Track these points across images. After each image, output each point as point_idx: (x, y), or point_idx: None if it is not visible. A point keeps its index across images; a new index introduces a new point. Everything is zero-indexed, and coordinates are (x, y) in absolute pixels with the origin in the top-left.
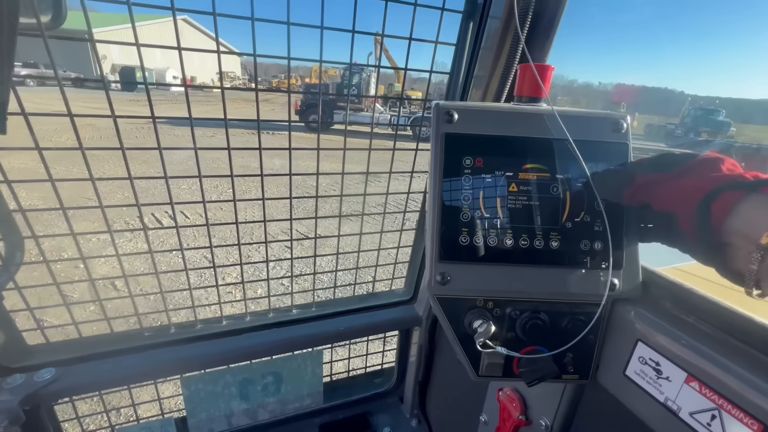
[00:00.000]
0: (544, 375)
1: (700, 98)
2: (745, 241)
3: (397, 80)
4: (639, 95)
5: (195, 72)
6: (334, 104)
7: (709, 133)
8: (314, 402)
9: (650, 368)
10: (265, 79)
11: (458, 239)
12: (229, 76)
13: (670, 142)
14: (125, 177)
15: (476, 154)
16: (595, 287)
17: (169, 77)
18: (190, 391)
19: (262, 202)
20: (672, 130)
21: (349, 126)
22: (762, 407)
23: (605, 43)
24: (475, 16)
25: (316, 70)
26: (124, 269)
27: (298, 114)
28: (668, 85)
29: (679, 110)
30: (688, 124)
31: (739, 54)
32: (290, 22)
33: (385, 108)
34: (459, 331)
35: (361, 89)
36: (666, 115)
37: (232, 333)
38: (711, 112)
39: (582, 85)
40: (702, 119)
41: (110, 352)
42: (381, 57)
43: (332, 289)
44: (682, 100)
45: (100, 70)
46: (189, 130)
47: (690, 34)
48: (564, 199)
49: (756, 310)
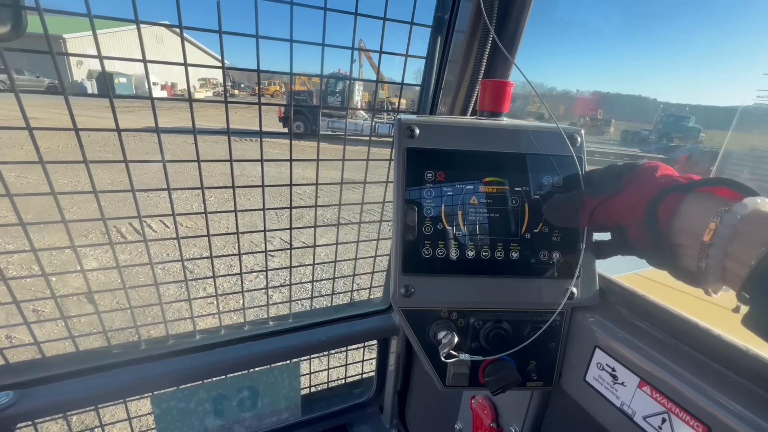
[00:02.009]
0: (508, 383)
1: (671, 105)
2: (691, 239)
3: (381, 88)
4: (598, 104)
5: (176, 78)
6: (319, 111)
7: (680, 138)
8: (292, 415)
9: (607, 374)
10: (248, 85)
11: (421, 252)
12: (211, 82)
13: (644, 147)
14: (89, 191)
15: (437, 168)
16: (555, 296)
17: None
18: (161, 409)
19: (235, 214)
20: (646, 136)
21: (334, 133)
22: (706, 410)
23: (584, 52)
24: (441, 30)
25: (301, 78)
26: (93, 284)
27: (282, 121)
28: (642, 93)
29: (652, 117)
30: (660, 130)
31: (708, 62)
32: (259, 35)
33: (370, 115)
34: (424, 342)
35: (345, 96)
36: (640, 122)
37: (207, 348)
38: (682, 118)
39: (561, 93)
40: (673, 125)
41: (76, 372)
42: (364, 65)
43: (309, 299)
44: (655, 107)
45: (59, 79)
46: (171, 137)
47: (661, 42)
48: (523, 211)
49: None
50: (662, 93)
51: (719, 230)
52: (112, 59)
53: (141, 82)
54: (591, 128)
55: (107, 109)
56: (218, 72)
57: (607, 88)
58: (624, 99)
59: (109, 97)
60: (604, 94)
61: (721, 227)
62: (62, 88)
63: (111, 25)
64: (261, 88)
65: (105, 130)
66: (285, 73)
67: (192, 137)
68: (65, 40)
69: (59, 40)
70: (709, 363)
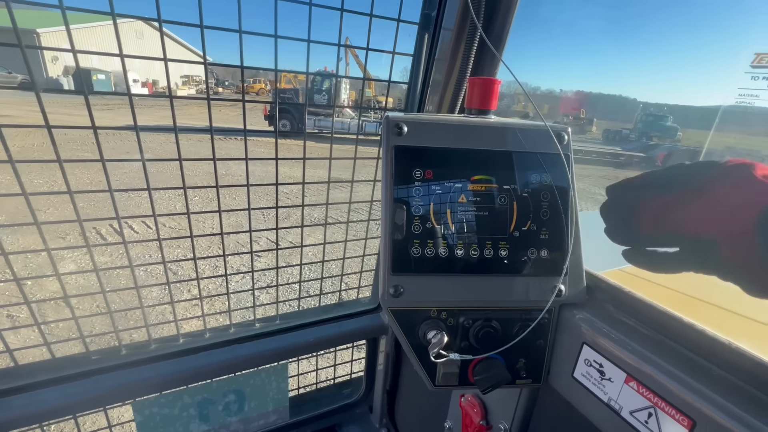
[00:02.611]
0: (498, 381)
1: (650, 105)
2: None
3: (368, 86)
4: (581, 103)
5: (158, 75)
6: (305, 109)
7: (659, 137)
8: (280, 418)
9: (594, 370)
10: (233, 83)
11: (410, 251)
12: (194, 80)
13: (625, 145)
14: (64, 191)
15: (426, 166)
16: (543, 293)
17: (129, 80)
18: (144, 416)
19: (219, 214)
20: (627, 135)
21: (320, 132)
22: (691, 404)
23: (568, 52)
24: (429, 28)
25: (286, 76)
26: (73, 288)
27: (268, 119)
28: (622, 93)
29: (632, 116)
30: (640, 129)
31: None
32: (242, 31)
33: (356, 114)
34: (414, 342)
35: (332, 94)
36: (621, 121)
37: (191, 351)
38: (660, 117)
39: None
40: (653, 124)
41: (53, 380)
42: (350, 63)
43: (297, 300)
44: (635, 106)
45: (30, 74)
46: (153, 135)
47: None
48: (511, 209)
49: (688, 311)
50: (642, 93)
51: None
52: (86, 53)
53: (120, 78)
54: (574, 127)
55: (84, 107)
56: (201, 69)
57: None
58: (605, 98)
59: (84, 93)
60: (586, 93)
61: None
62: (33, 83)
63: (90, 19)
64: (246, 86)
65: (79, 127)
66: (270, 69)
67: (171, 136)
68: (39, 35)
69: (32, 35)
70: (693, 357)
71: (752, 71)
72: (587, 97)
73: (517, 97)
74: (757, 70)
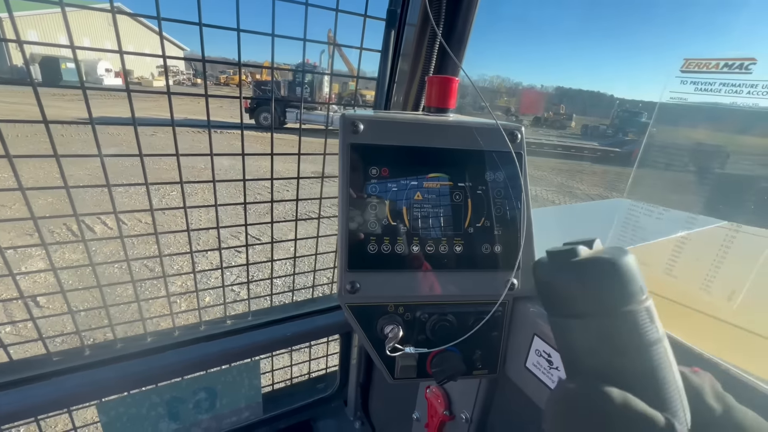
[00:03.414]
0: (454, 373)
1: (626, 101)
2: None
3: (351, 79)
4: (561, 99)
5: (132, 65)
6: (287, 103)
7: (633, 133)
8: (253, 414)
9: (544, 359)
10: (212, 74)
11: (366, 248)
12: (171, 70)
13: (602, 141)
14: (15, 188)
15: (382, 164)
16: (497, 287)
17: (101, 70)
18: (109, 417)
19: (184, 211)
20: (604, 131)
21: (303, 125)
22: None
23: (548, 49)
24: (394, 24)
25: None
26: (41, 286)
27: (249, 112)
28: (600, 89)
29: (608, 112)
30: (617, 125)
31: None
32: (202, 23)
33: (340, 108)
34: (372, 337)
35: (314, 88)
36: (599, 117)
37: (159, 350)
38: (635, 114)
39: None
40: (628, 121)
41: (11, 383)
42: (334, 57)
43: (269, 297)
44: (611, 103)
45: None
46: (125, 128)
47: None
48: (466, 206)
49: None
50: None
51: None
52: (40, 45)
53: (92, 68)
54: (554, 122)
55: (53, 97)
56: (178, 60)
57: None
58: (584, 95)
59: (32, 84)
60: (566, 89)
61: None
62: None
63: (45, 6)
64: (227, 78)
65: (30, 122)
66: (233, 63)
67: (148, 129)
68: (1, 20)
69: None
70: None
71: (681, 75)
72: (566, 92)
73: (499, 93)
74: (685, 75)
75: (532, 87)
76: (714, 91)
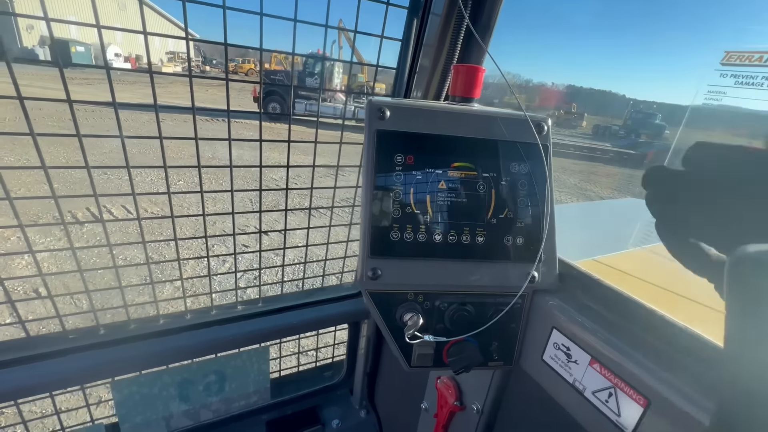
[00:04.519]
0: (471, 363)
1: (640, 102)
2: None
3: (361, 72)
4: (572, 97)
5: (141, 50)
6: (296, 93)
7: (647, 134)
8: (261, 399)
9: (562, 353)
10: (221, 62)
11: (389, 235)
12: (180, 56)
13: (615, 142)
14: (38, 166)
15: (407, 152)
16: (517, 279)
17: (110, 54)
18: (123, 395)
19: (200, 195)
20: (616, 131)
21: (311, 115)
22: (647, 384)
23: (559, 47)
24: (417, 12)
25: (277, 57)
26: (49, 268)
27: (257, 101)
28: (611, 88)
29: (620, 112)
30: (629, 126)
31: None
32: (226, 6)
33: (349, 99)
34: (391, 324)
35: (324, 78)
36: (611, 117)
37: (172, 332)
38: (649, 115)
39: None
40: (641, 122)
41: (27, 358)
42: (344, 47)
43: (280, 284)
44: (624, 103)
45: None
46: (135, 114)
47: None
48: (489, 197)
49: (655, 299)
50: (631, 89)
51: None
52: (61, 22)
53: (100, 51)
54: (565, 121)
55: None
56: (188, 47)
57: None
58: (596, 94)
59: (58, 65)
60: (577, 87)
61: None
62: (2, 51)
63: None
64: (235, 66)
65: (55, 100)
66: (255, 48)
67: (161, 114)
68: (12, 1)
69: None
70: (653, 342)
71: (722, 68)
72: (578, 91)
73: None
74: (725, 68)
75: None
76: (756, 85)
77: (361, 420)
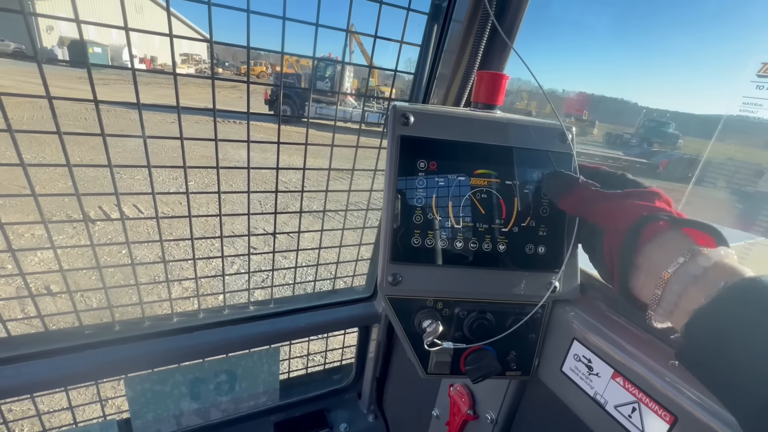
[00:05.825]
0: (489, 372)
1: (652, 110)
2: (653, 268)
3: (371, 76)
4: (583, 105)
5: (156, 52)
6: (307, 96)
7: (660, 143)
8: (270, 400)
9: (583, 365)
10: (233, 64)
11: (410, 241)
12: (193, 58)
13: (627, 150)
14: (63, 164)
15: (430, 158)
16: (538, 289)
17: (126, 56)
18: (135, 391)
19: (218, 196)
20: (628, 140)
21: (321, 119)
22: (674, 400)
23: (571, 53)
24: (438, 19)
25: (288, 60)
26: (62, 265)
27: (268, 104)
28: (624, 96)
29: (633, 120)
30: (642, 135)
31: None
32: (250, 10)
33: (359, 103)
34: (409, 330)
35: (335, 82)
36: (623, 125)
37: (184, 330)
38: (662, 124)
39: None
40: (654, 131)
41: (44, 352)
42: (354, 51)
43: (291, 286)
44: (637, 111)
45: (32, 43)
46: (148, 115)
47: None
48: (512, 205)
49: None
50: (643, 97)
51: (686, 266)
52: (91, 24)
53: (117, 53)
54: (576, 128)
55: (79, 80)
56: (201, 48)
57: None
58: (607, 101)
59: (86, 66)
60: (588, 95)
61: (689, 263)
62: (35, 53)
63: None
64: (248, 69)
65: (82, 100)
66: (276, 51)
67: (172, 116)
68: (34, 2)
69: (27, 1)
70: None
71: (758, 80)
72: (589, 98)
73: (520, 94)
74: (763, 80)
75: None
76: None
77: (369, 424)
